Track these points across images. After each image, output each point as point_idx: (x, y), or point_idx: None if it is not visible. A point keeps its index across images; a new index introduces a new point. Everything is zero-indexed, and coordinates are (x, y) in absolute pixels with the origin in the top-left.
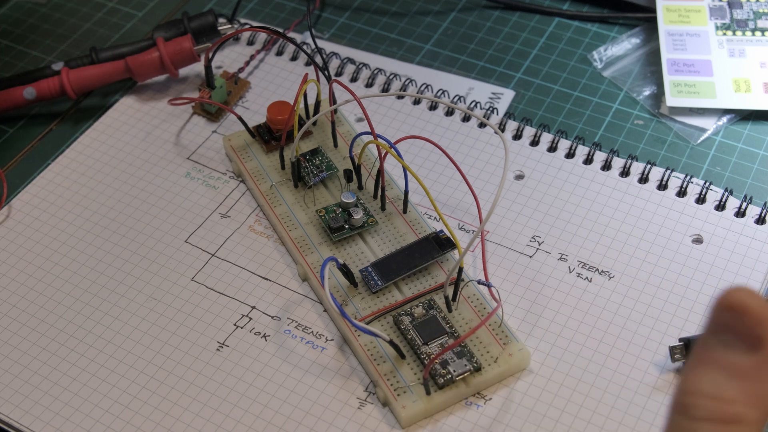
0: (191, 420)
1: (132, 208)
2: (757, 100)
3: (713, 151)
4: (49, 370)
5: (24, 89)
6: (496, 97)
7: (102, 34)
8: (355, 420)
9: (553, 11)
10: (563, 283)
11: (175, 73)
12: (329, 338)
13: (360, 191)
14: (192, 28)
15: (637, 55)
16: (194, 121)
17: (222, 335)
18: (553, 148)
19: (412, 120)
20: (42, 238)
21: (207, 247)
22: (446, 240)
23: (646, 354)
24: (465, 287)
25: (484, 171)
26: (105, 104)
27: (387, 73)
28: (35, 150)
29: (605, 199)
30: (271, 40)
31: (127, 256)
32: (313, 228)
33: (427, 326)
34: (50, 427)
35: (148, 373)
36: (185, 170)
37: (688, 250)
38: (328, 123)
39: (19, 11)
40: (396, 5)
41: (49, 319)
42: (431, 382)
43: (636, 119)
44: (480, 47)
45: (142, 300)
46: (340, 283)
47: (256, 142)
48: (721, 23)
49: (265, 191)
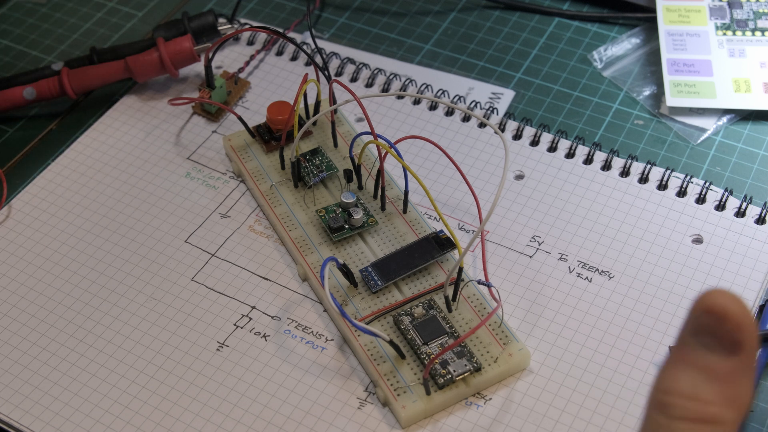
0: (191, 420)
1: (132, 208)
2: (757, 100)
3: (713, 151)
4: (49, 370)
5: (24, 89)
6: (496, 97)
7: (102, 34)
8: (355, 420)
9: (553, 11)
10: (563, 283)
11: (175, 73)
12: (329, 338)
13: (360, 191)
14: (192, 28)
15: (637, 55)
16: (194, 121)
17: (222, 335)
18: (553, 148)
19: (412, 120)
20: (42, 238)
21: (207, 247)
22: (446, 240)
23: (646, 354)
24: (465, 287)
25: (484, 171)
26: (105, 104)
27: (387, 73)
28: (35, 150)
29: (605, 199)
30: (271, 40)
31: (127, 256)
32: (313, 228)
33: (427, 326)
34: (50, 427)
35: (148, 373)
36: (185, 170)
37: (688, 250)
38: (328, 123)
39: (19, 11)
40: (396, 5)
41: (49, 319)
42: (431, 382)
43: (636, 119)
44: (480, 47)
45: (142, 300)
46: (340, 283)
47: (256, 142)
48: (721, 23)
49: (265, 191)
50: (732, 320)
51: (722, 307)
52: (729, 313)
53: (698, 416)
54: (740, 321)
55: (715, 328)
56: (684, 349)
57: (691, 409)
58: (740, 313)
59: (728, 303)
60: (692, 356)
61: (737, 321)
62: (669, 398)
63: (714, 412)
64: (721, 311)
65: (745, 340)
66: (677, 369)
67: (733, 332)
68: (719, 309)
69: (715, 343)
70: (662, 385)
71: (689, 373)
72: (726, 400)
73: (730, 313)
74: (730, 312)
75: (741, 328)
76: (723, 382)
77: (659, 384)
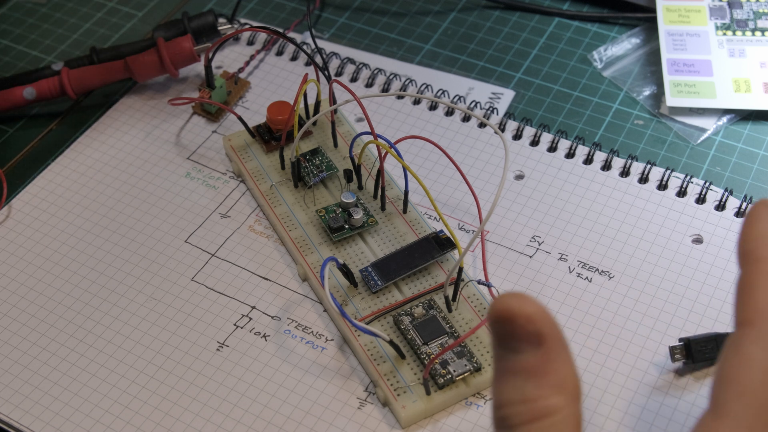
0: (191, 420)
1: (132, 208)
2: (757, 100)
3: (713, 151)
4: (49, 370)
5: (24, 89)
6: (496, 97)
7: (102, 34)
8: (355, 420)
9: (553, 11)
10: (563, 283)
11: (175, 73)
12: (329, 338)
13: (360, 191)
14: (192, 28)
15: (637, 55)
16: (194, 121)
17: (222, 335)
18: (553, 148)
19: (412, 120)
20: (42, 238)
21: (207, 247)
22: (446, 240)
23: (646, 354)
24: (465, 287)
25: (484, 171)
26: (105, 104)
27: (387, 73)
28: (35, 150)
29: (605, 199)
30: (271, 40)
31: (127, 256)
32: (313, 228)
33: (427, 326)
34: (50, 427)
35: (148, 373)
36: (185, 170)
37: (688, 250)
38: (328, 123)
39: (19, 11)
40: (396, 5)
41: (49, 319)
42: (431, 382)
43: (636, 119)
44: (480, 47)
45: (142, 300)
46: (340, 283)
47: (256, 142)
48: (721, 23)
49: (265, 191)
50: (520, 316)
51: (506, 309)
52: (515, 312)
53: (532, 415)
54: (527, 313)
55: (511, 330)
56: (499, 362)
57: (524, 412)
58: (525, 306)
59: (511, 303)
60: (507, 364)
61: (525, 314)
62: (503, 411)
63: (545, 405)
64: (507, 313)
65: (542, 327)
66: (500, 382)
67: (527, 326)
68: (505, 312)
69: (520, 344)
70: (495, 402)
71: (510, 381)
72: (552, 389)
73: (516, 311)
74: (515, 310)
75: (532, 320)
76: (541, 374)
77: (493, 403)
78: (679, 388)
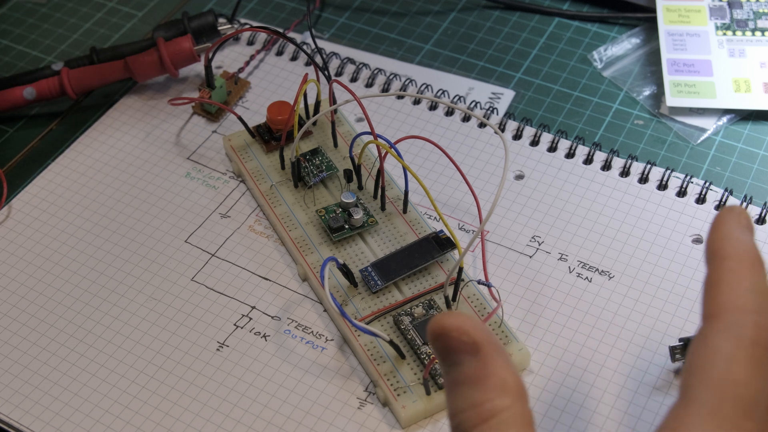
0: (191, 420)
1: (132, 208)
2: (757, 100)
3: (713, 151)
4: (49, 370)
5: (24, 89)
6: (496, 97)
7: (102, 34)
8: (355, 420)
9: (553, 11)
10: (563, 283)
11: (175, 73)
12: (329, 338)
13: (360, 191)
14: (192, 28)
15: (637, 55)
16: (194, 121)
17: (222, 335)
18: (553, 148)
19: (412, 120)
20: (42, 238)
21: (207, 247)
22: (446, 240)
23: (646, 354)
24: (465, 287)
25: (484, 171)
26: (105, 104)
27: (387, 73)
28: (35, 150)
29: (605, 199)
30: (271, 40)
31: (127, 256)
32: (313, 228)
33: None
34: (50, 427)
35: (148, 373)
36: (185, 170)
37: (688, 250)
38: (328, 123)
39: (19, 11)
40: (396, 5)
41: (49, 319)
42: (431, 382)
43: (636, 119)
44: (480, 47)
45: (142, 300)
46: (340, 283)
47: (256, 142)
48: (721, 23)
49: (265, 191)
50: (453, 330)
51: (441, 326)
52: (448, 327)
53: (481, 418)
54: (459, 326)
55: (448, 344)
56: (447, 377)
57: (474, 416)
58: (457, 321)
59: (443, 321)
60: (452, 377)
61: (457, 327)
62: (455, 419)
63: (491, 407)
64: (442, 330)
65: (475, 336)
66: (450, 394)
67: (462, 337)
68: (440, 329)
69: (458, 355)
70: (449, 413)
71: (458, 391)
72: (496, 391)
73: (448, 326)
74: (447, 325)
75: (464, 330)
76: (483, 379)
77: (448, 414)
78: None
